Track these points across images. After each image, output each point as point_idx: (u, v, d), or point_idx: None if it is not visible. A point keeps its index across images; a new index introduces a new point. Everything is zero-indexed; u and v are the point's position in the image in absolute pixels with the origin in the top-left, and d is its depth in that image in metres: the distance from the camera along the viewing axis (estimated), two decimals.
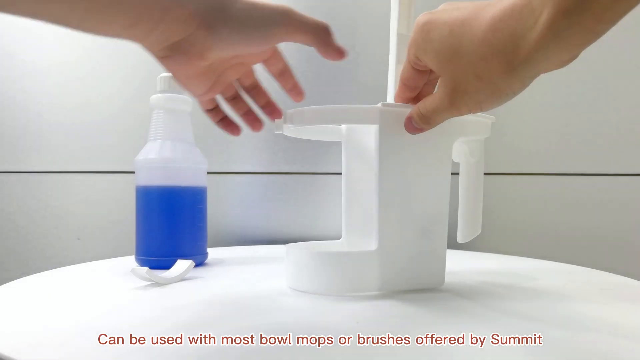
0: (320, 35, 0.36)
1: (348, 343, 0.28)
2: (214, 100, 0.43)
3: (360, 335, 0.30)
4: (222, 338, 0.29)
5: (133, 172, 0.86)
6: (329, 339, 0.29)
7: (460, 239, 0.46)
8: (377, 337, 0.29)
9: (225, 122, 0.45)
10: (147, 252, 0.54)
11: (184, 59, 0.34)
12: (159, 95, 0.55)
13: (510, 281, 0.48)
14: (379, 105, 0.40)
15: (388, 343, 0.28)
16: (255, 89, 0.45)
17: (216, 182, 0.80)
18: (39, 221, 0.82)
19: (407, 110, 0.40)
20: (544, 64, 0.29)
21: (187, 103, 0.56)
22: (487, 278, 0.49)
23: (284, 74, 0.43)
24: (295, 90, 0.44)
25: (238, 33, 0.33)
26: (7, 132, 0.82)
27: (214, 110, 0.44)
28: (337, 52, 0.37)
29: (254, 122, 0.45)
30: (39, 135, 0.81)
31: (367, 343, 0.29)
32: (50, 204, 0.82)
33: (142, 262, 0.53)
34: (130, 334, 0.30)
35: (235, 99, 0.44)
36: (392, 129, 0.40)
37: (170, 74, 0.47)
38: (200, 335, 0.30)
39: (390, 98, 0.43)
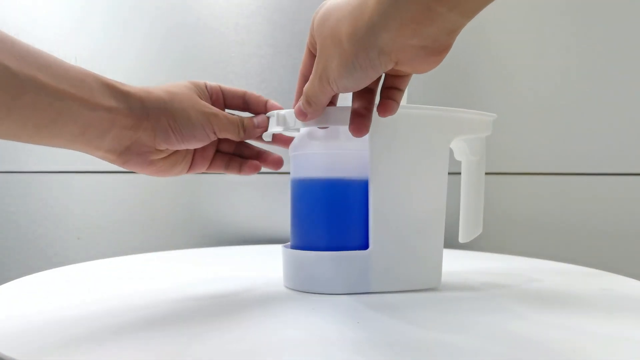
0: (236, 133, 0.40)
1: (350, 343, 0.29)
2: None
3: (362, 336, 0.30)
4: (222, 337, 0.29)
5: (133, 172, 0.86)
6: (331, 338, 0.29)
7: (461, 238, 0.46)
8: (379, 338, 0.29)
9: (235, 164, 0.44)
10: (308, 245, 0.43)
11: (141, 160, 0.37)
12: None
13: (508, 281, 0.48)
14: None
15: (391, 343, 0.29)
16: (240, 148, 0.45)
17: (216, 182, 0.80)
18: (39, 221, 0.82)
19: (402, 110, 0.40)
20: (386, 35, 0.27)
21: None
22: (486, 278, 0.49)
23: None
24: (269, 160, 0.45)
25: (179, 134, 0.37)
26: None
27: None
28: (256, 137, 0.42)
29: (248, 168, 0.45)
30: None
31: (368, 344, 0.29)
32: (50, 204, 0.82)
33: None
34: (130, 334, 0.30)
35: (229, 164, 0.44)
36: (382, 129, 0.40)
37: None
38: (200, 334, 0.30)
39: None
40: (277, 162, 0.45)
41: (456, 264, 0.57)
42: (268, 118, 0.42)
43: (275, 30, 0.79)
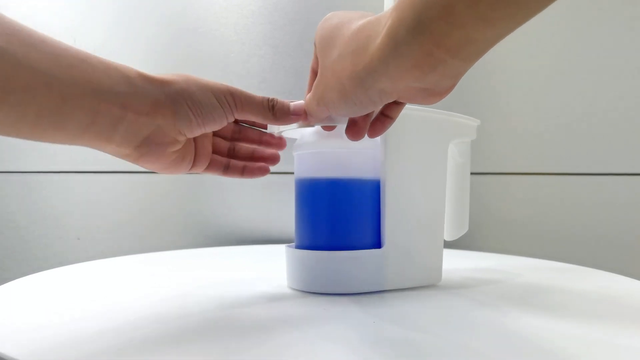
0: (262, 112, 0.37)
1: (366, 343, 0.29)
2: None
3: (377, 335, 0.30)
4: (228, 341, 0.29)
5: (133, 172, 0.87)
6: (347, 338, 0.29)
7: (447, 236, 0.47)
8: (400, 334, 0.29)
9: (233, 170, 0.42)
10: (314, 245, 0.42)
11: (159, 153, 0.34)
12: None
13: (506, 278, 0.48)
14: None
15: (408, 341, 0.29)
16: (237, 150, 0.43)
17: (217, 182, 0.80)
18: (39, 221, 0.82)
19: (414, 112, 0.41)
20: (386, 79, 0.27)
21: None
22: (486, 275, 0.49)
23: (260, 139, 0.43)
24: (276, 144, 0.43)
25: (200, 117, 0.34)
26: None
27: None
28: (286, 119, 0.38)
29: (257, 171, 0.43)
30: None
31: (385, 343, 0.29)
32: (50, 204, 0.82)
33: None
34: (131, 335, 0.30)
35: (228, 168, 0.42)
36: (396, 131, 0.40)
37: None
38: (204, 337, 0.30)
39: None
40: (274, 158, 0.44)
41: (453, 263, 0.57)
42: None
43: (275, 30, 0.79)
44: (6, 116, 0.26)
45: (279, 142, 0.43)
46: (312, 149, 0.42)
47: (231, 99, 0.35)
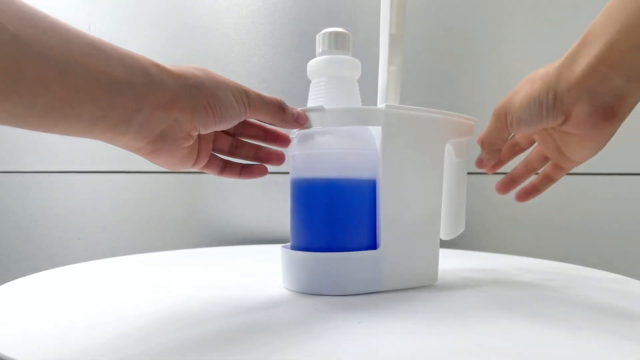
0: (276, 113, 0.38)
1: (353, 342, 0.29)
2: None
3: (364, 335, 0.30)
4: (226, 338, 0.29)
5: (133, 172, 0.87)
6: (333, 338, 0.29)
7: (444, 235, 0.47)
8: (381, 336, 0.29)
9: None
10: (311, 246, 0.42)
11: (173, 149, 0.33)
12: (320, 58, 0.42)
13: (504, 278, 0.48)
14: (383, 106, 0.40)
15: (396, 343, 0.29)
16: (235, 148, 0.43)
17: (216, 182, 0.80)
18: (39, 221, 0.82)
19: (410, 112, 0.41)
20: (564, 83, 0.35)
21: (356, 67, 0.44)
22: (485, 275, 0.49)
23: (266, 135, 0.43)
24: (280, 140, 0.43)
25: (219, 112, 0.33)
26: (7, 132, 0.82)
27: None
28: (294, 124, 0.39)
29: (256, 171, 0.43)
30: (39, 135, 0.81)
31: (371, 342, 0.29)
32: (50, 204, 0.82)
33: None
34: (130, 336, 0.30)
35: (227, 165, 0.42)
36: (395, 130, 0.40)
37: (335, 30, 0.42)
38: (197, 337, 0.30)
39: (381, 100, 0.43)
40: (280, 158, 0.44)
41: (452, 263, 0.57)
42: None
43: (275, 30, 0.79)
44: (15, 106, 0.24)
45: (285, 137, 0.43)
46: (307, 150, 0.42)
47: (246, 98, 0.35)
